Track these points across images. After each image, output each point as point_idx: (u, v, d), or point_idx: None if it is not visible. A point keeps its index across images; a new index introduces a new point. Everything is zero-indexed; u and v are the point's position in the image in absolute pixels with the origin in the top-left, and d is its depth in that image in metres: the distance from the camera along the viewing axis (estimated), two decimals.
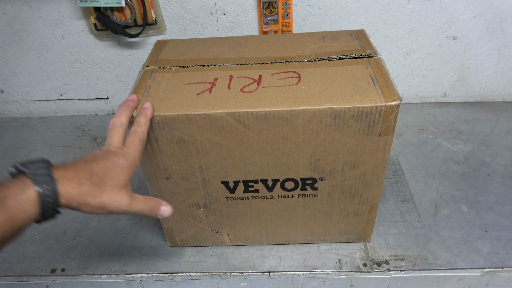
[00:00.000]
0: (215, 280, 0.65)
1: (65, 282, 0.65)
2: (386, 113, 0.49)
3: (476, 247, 0.66)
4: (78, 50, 0.92)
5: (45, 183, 0.38)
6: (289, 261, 0.65)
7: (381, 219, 0.71)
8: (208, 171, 0.55)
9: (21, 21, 0.88)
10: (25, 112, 1.05)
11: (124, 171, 0.45)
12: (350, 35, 0.63)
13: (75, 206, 0.41)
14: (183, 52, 0.62)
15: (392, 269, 0.63)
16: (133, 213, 0.46)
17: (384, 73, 0.53)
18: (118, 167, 0.44)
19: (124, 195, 0.44)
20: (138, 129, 0.48)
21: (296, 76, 0.54)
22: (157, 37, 0.90)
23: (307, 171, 0.55)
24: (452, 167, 0.81)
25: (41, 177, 0.38)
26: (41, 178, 0.38)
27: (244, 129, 0.50)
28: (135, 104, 0.51)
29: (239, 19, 0.87)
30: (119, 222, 0.74)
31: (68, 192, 0.40)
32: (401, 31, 0.88)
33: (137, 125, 0.48)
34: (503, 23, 0.87)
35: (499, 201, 0.73)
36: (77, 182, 0.40)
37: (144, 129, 0.48)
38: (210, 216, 0.62)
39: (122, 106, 0.50)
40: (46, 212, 0.39)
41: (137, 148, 0.47)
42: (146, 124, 0.49)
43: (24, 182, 0.38)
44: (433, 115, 0.96)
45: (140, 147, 0.48)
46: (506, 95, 1.00)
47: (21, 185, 0.37)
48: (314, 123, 0.50)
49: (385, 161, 0.54)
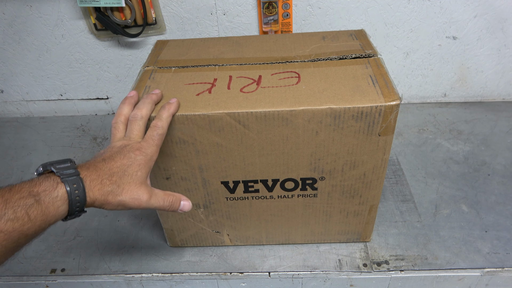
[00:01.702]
0: (215, 280, 0.65)
1: (65, 282, 0.65)
2: (386, 113, 0.49)
3: (476, 247, 0.66)
4: (78, 50, 0.92)
5: (74, 182, 0.40)
6: (289, 261, 0.65)
7: (381, 219, 0.71)
8: (208, 171, 0.55)
9: (21, 21, 0.88)
10: (25, 112, 1.05)
11: (141, 167, 0.45)
12: (350, 35, 0.63)
13: (99, 205, 0.42)
14: (183, 52, 0.62)
15: (392, 269, 0.63)
16: (153, 209, 0.46)
17: (384, 73, 0.53)
18: (135, 164, 0.44)
19: (143, 192, 0.44)
20: (159, 124, 0.48)
21: (296, 76, 0.54)
22: (157, 37, 0.90)
23: (307, 171, 0.55)
24: (452, 167, 0.81)
25: (69, 176, 0.40)
26: (70, 178, 0.40)
27: (244, 129, 0.50)
28: (159, 98, 0.51)
29: (239, 19, 0.87)
30: (119, 222, 0.74)
31: (93, 192, 0.41)
32: (401, 31, 0.88)
33: (159, 119, 0.48)
34: (503, 23, 0.87)
35: (499, 201, 0.73)
36: (99, 182, 0.42)
37: (165, 124, 0.48)
38: (210, 216, 0.62)
39: (145, 99, 0.50)
40: (73, 211, 0.40)
41: (155, 143, 0.47)
42: (167, 119, 0.48)
43: (55, 180, 0.39)
44: (433, 115, 0.96)
45: (159, 142, 0.48)
46: (506, 95, 1.00)
47: (52, 183, 0.39)
48: (314, 123, 0.50)
49: (385, 161, 0.54)
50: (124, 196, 0.43)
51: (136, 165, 0.45)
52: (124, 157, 0.44)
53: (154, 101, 0.50)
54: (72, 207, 0.40)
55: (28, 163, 0.89)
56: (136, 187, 0.44)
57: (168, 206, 0.47)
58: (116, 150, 0.46)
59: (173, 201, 0.48)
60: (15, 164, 0.89)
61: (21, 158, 0.91)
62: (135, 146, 0.46)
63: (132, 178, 0.44)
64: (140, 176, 0.45)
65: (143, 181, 0.45)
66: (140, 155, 0.45)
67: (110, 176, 0.43)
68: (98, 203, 0.42)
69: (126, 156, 0.45)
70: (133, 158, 0.45)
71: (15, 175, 0.86)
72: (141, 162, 0.45)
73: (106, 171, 0.43)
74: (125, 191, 0.43)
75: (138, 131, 0.48)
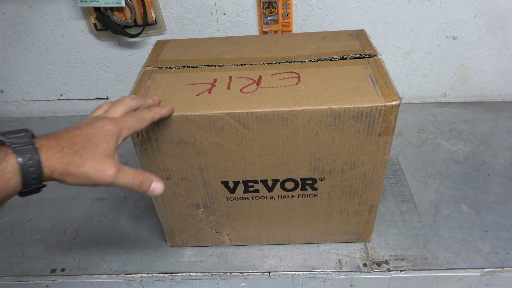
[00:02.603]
0: (215, 280, 0.65)
1: (65, 282, 0.65)
2: (386, 113, 0.49)
3: (476, 247, 0.66)
4: (78, 50, 0.92)
5: (27, 152, 0.36)
6: (289, 261, 0.65)
7: (381, 219, 0.71)
8: (208, 171, 0.55)
9: (21, 21, 0.88)
10: (25, 112, 1.05)
11: (108, 138, 0.41)
12: (350, 35, 0.63)
13: (58, 176, 0.38)
14: (183, 52, 0.62)
15: (392, 269, 0.63)
16: (120, 186, 0.42)
17: (384, 73, 0.53)
18: (101, 133, 0.41)
19: (109, 165, 0.40)
20: (146, 112, 0.46)
21: (296, 77, 0.54)
22: (157, 37, 0.90)
23: (307, 171, 0.55)
24: (452, 167, 0.81)
25: (22, 146, 0.36)
26: (22, 148, 0.36)
27: (244, 129, 0.50)
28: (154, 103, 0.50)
29: (239, 19, 0.87)
30: (119, 222, 0.74)
31: (50, 161, 0.37)
32: (401, 31, 0.88)
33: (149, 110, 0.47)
34: (503, 23, 0.87)
35: (499, 201, 0.73)
36: (59, 151, 0.38)
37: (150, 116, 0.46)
38: (210, 216, 0.62)
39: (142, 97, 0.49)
40: (28, 183, 0.37)
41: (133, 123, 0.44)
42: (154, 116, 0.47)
43: (4, 151, 0.36)
44: (433, 115, 0.96)
45: (136, 122, 0.45)
46: (506, 95, 1.00)
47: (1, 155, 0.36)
48: (314, 123, 0.50)
49: (385, 161, 0.54)
50: (87, 167, 0.39)
51: (102, 135, 0.41)
52: (91, 126, 0.41)
53: (148, 104, 0.49)
54: (27, 179, 0.36)
55: None
56: (102, 159, 0.40)
57: (137, 185, 0.43)
58: (84, 120, 0.43)
59: (143, 180, 0.43)
60: None
61: None
62: (107, 117, 0.43)
63: (97, 148, 0.40)
64: (106, 148, 0.41)
65: (110, 154, 0.41)
66: (109, 125, 0.42)
67: (72, 145, 0.39)
68: (57, 173, 0.38)
69: (93, 125, 0.41)
70: (101, 127, 0.41)
71: None
72: (109, 132, 0.41)
73: (67, 140, 0.39)
74: (89, 162, 0.39)
75: (117, 111, 0.45)
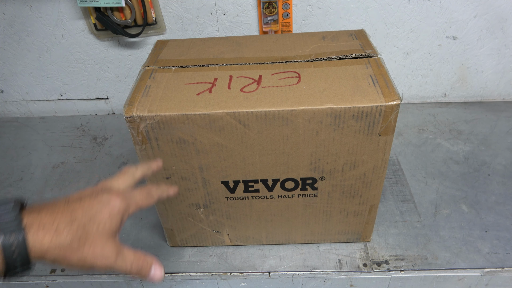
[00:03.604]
0: (215, 280, 0.65)
1: (65, 282, 0.65)
2: (386, 113, 0.49)
3: (476, 247, 0.66)
4: (78, 50, 0.92)
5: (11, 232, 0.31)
6: (289, 261, 0.65)
7: (381, 219, 0.71)
8: (208, 171, 0.55)
9: (21, 21, 0.88)
10: (25, 112, 1.05)
11: (112, 216, 0.36)
12: (350, 35, 0.63)
13: (51, 259, 0.33)
14: (183, 52, 0.62)
15: (392, 269, 0.63)
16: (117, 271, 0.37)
17: (384, 73, 0.53)
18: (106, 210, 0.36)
19: (110, 249, 0.35)
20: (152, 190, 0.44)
21: (296, 76, 0.54)
22: (157, 37, 0.90)
23: (307, 171, 0.55)
24: (452, 167, 0.81)
25: (7, 224, 0.31)
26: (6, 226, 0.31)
27: (244, 129, 0.50)
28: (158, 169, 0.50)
29: (239, 19, 0.87)
30: None
31: (41, 243, 0.32)
32: (401, 31, 0.88)
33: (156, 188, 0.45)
34: (503, 23, 0.87)
35: (499, 201, 0.73)
36: (53, 230, 0.33)
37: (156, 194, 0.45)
38: (210, 216, 0.62)
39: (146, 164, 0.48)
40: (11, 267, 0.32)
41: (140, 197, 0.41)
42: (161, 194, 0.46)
43: None
44: (433, 115, 0.96)
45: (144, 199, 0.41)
46: (506, 95, 1.00)
47: None
48: (314, 123, 0.50)
49: (385, 161, 0.54)
50: (86, 252, 0.34)
51: (107, 212, 0.36)
52: (95, 199, 0.36)
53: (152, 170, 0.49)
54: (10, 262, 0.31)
55: (28, 163, 0.89)
56: (102, 242, 0.35)
57: (135, 271, 0.38)
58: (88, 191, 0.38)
59: (142, 266, 0.38)
60: (15, 164, 0.89)
61: (21, 158, 0.90)
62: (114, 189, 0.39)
63: (99, 228, 0.35)
64: (109, 228, 0.36)
65: (112, 234, 0.36)
66: (116, 200, 0.37)
67: (70, 223, 0.34)
68: (50, 257, 0.33)
69: (98, 198, 0.36)
70: (106, 202, 0.36)
71: (15, 175, 0.86)
72: (115, 210, 0.36)
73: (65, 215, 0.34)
74: (88, 246, 0.34)
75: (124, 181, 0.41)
